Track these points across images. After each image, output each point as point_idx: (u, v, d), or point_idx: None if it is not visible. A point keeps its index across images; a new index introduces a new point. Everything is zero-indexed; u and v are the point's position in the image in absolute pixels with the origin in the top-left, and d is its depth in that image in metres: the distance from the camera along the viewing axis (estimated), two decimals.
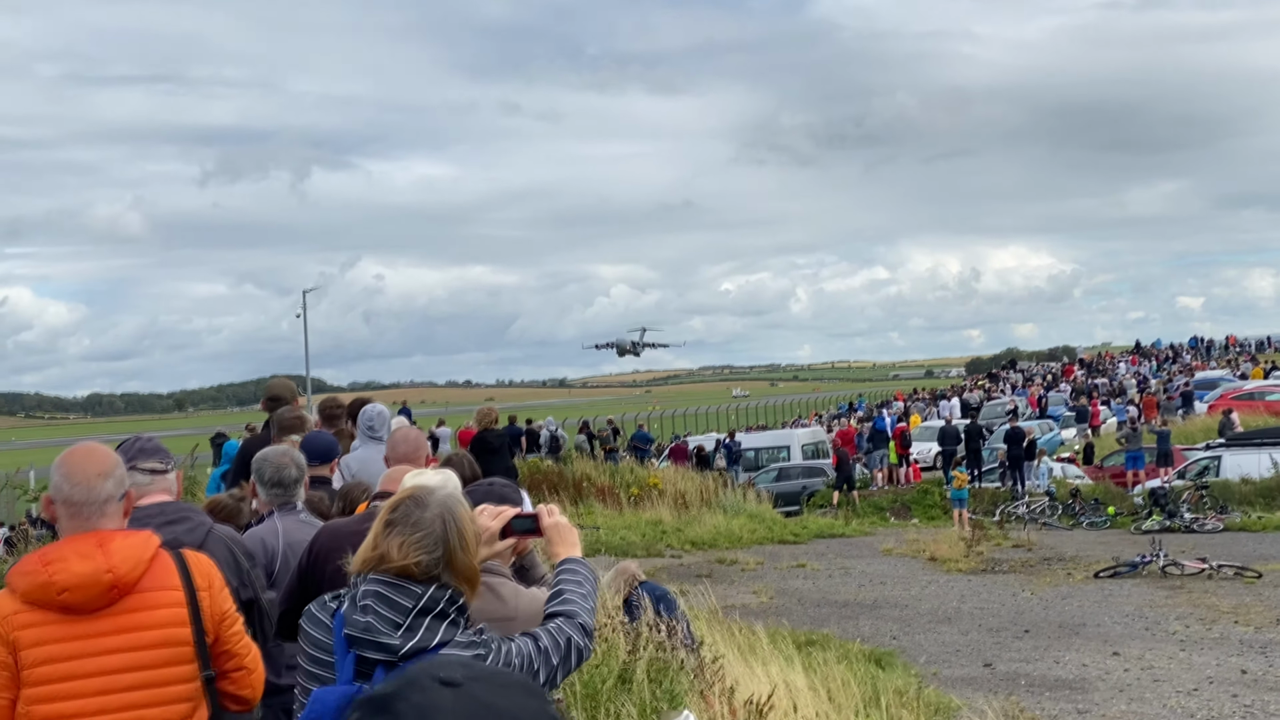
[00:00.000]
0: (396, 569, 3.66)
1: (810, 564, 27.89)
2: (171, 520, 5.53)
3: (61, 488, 4.35)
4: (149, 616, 4.29)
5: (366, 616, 3.61)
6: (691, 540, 31.12)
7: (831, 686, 11.83)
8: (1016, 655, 17.83)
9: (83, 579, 4.15)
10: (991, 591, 23.46)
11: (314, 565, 5.91)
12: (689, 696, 8.85)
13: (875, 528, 34.97)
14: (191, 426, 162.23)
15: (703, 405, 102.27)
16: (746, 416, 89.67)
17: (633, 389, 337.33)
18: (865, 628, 20.28)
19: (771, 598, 23.38)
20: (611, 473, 37.50)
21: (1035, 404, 57.34)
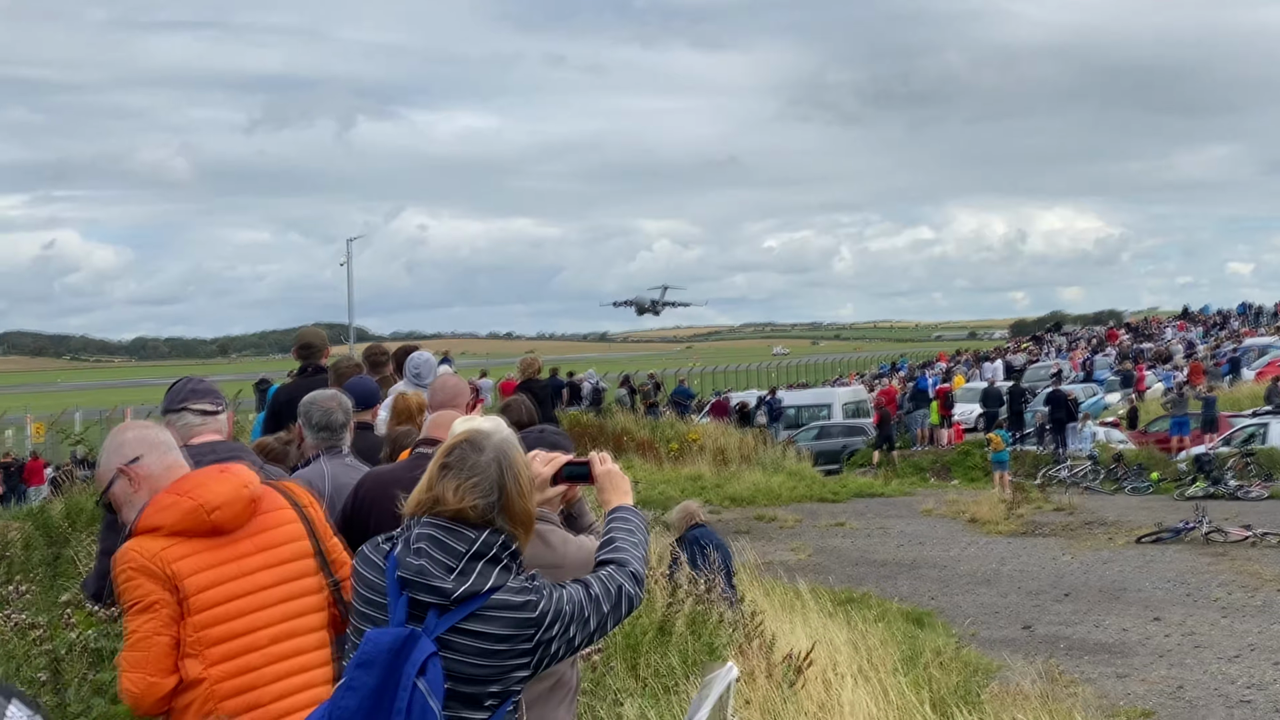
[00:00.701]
0: (451, 513, 3.64)
1: (849, 523, 27.83)
2: (223, 459, 5.53)
3: (145, 435, 4.54)
4: (278, 533, 4.44)
5: (419, 559, 3.59)
6: (730, 496, 31.10)
7: (869, 644, 11.77)
8: (1056, 618, 17.75)
9: (227, 496, 4.29)
10: (1031, 554, 23.35)
11: (358, 510, 5.90)
12: (728, 650, 8.82)
13: (915, 488, 34.87)
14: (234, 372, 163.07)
15: (743, 362, 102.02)
16: (787, 374, 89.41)
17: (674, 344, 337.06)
18: (904, 587, 20.22)
19: (810, 555, 23.35)
20: (652, 427, 37.50)
21: (1079, 367, 56.91)
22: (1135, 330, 77.99)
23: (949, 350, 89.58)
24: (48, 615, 7.13)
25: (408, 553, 3.62)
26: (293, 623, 4.36)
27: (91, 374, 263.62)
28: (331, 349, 11.00)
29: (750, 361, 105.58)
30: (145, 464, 4.46)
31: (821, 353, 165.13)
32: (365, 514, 5.82)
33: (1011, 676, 13.08)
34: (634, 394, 44.90)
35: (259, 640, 4.27)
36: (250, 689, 4.21)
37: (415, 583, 3.58)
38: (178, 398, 5.68)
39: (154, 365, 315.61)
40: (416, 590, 3.58)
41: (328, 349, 10.44)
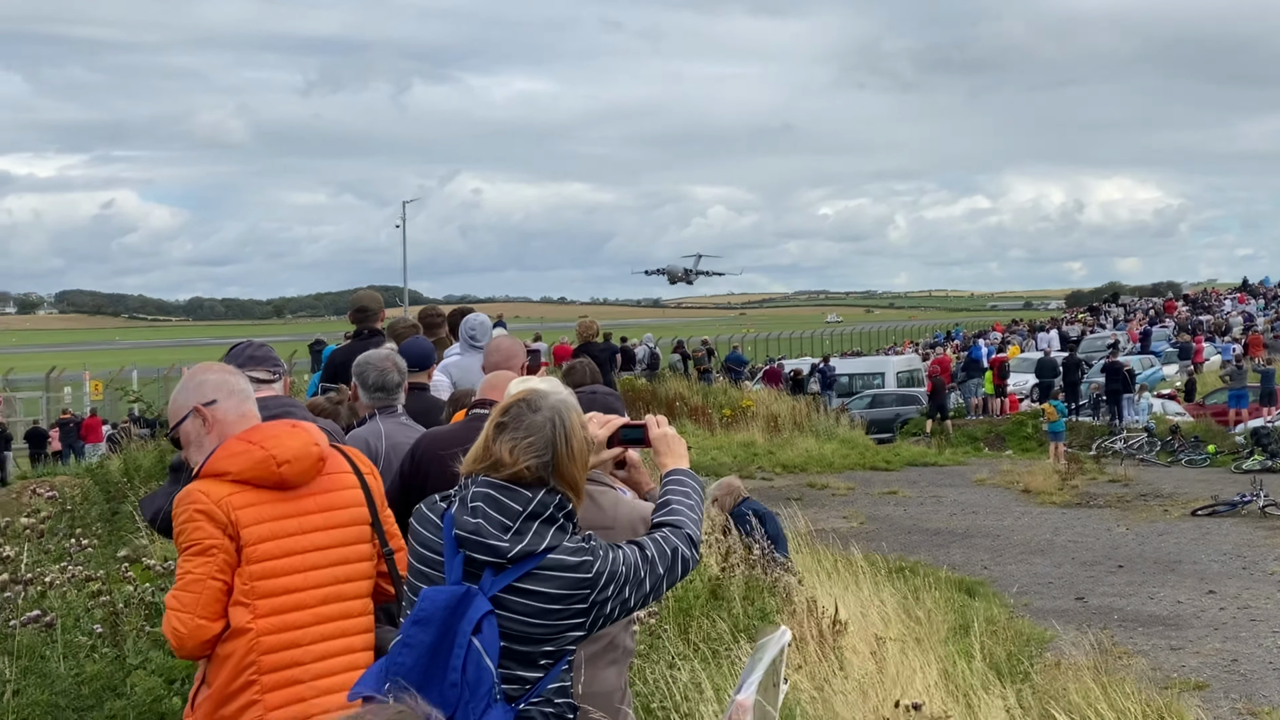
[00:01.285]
0: (508, 473, 3.64)
1: (902, 491, 27.74)
2: (275, 414, 5.54)
3: (225, 380, 4.56)
4: (339, 496, 4.47)
5: (476, 518, 3.61)
6: (783, 463, 31.04)
7: (921, 612, 11.75)
8: (1110, 590, 17.63)
9: (298, 452, 4.32)
10: (1085, 525, 23.20)
11: (416, 470, 5.92)
12: (779, 615, 8.82)
13: (969, 458, 34.69)
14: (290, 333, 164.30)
15: (796, 330, 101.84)
16: (841, 342, 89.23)
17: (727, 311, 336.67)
18: (956, 556, 20.14)
19: (862, 523, 23.29)
20: (704, 393, 37.46)
21: (1136, 339, 56.39)
22: (1193, 302, 77.26)
23: (1004, 320, 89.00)
24: (106, 569, 7.21)
25: (464, 511, 3.64)
26: (342, 586, 4.39)
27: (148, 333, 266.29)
28: (386, 312, 11.04)
29: (803, 329, 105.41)
30: (221, 408, 4.47)
31: (875, 321, 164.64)
32: (423, 474, 5.84)
33: (1064, 647, 13.02)
34: (687, 360, 44.81)
35: (309, 599, 4.29)
36: (294, 645, 4.24)
37: (472, 541, 3.60)
38: (236, 361, 5.70)
39: (209, 325, 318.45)
40: (473, 549, 3.60)
41: (383, 312, 10.49)
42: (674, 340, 51.42)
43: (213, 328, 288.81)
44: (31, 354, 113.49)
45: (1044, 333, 58.91)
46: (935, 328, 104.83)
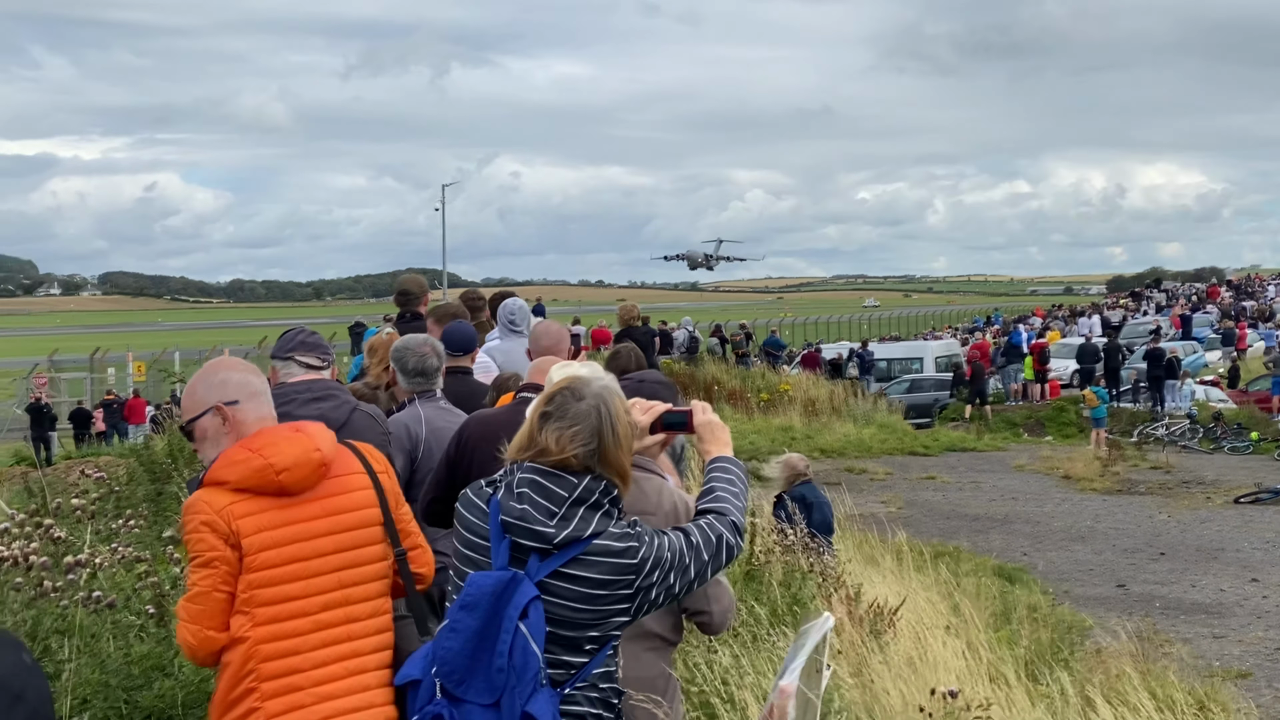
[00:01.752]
0: (554, 460, 3.67)
1: (940, 476, 27.69)
2: (318, 397, 5.58)
3: (248, 381, 4.45)
4: (346, 499, 4.38)
5: (522, 504, 3.64)
6: (821, 448, 31.00)
7: (961, 599, 11.73)
8: (1151, 577, 17.58)
9: (297, 459, 4.23)
10: (1127, 512, 23.12)
11: (462, 454, 5.93)
12: (816, 601, 8.82)
13: (1008, 443, 34.58)
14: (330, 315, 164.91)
15: (834, 314, 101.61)
16: (879, 327, 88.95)
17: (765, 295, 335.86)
18: (996, 542, 20.11)
19: (901, 508, 23.27)
20: (743, 377, 37.44)
21: (1179, 325, 56.00)
22: (1237, 288, 76.67)
23: (1044, 305, 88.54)
24: (152, 550, 7.28)
25: (510, 497, 3.66)
26: (347, 591, 4.34)
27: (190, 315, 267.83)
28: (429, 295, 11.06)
29: (841, 313, 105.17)
30: (242, 409, 4.41)
31: (913, 305, 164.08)
32: (469, 458, 5.86)
33: (1105, 635, 13.00)
34: (725, 344, 44.76)
35: (310, 606, 4.26)
36: (292, 654, 4.21)
37: (518, 527, 3.63)
38: (287, 346, 5.73)
39: (250, 307, 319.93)
40: (519, 534, 3.63)
41: (426, 296, 10.51)
42: (712, 324, 51.39)
43: (253, 309, 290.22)
44: (76, 335, 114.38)
45: (1085, 318, 58.58)
46: (974, 313, 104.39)
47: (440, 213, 73.52)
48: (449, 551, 5.89)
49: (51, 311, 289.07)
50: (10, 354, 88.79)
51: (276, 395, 5.51)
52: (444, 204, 73.86)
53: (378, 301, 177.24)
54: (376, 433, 5.77)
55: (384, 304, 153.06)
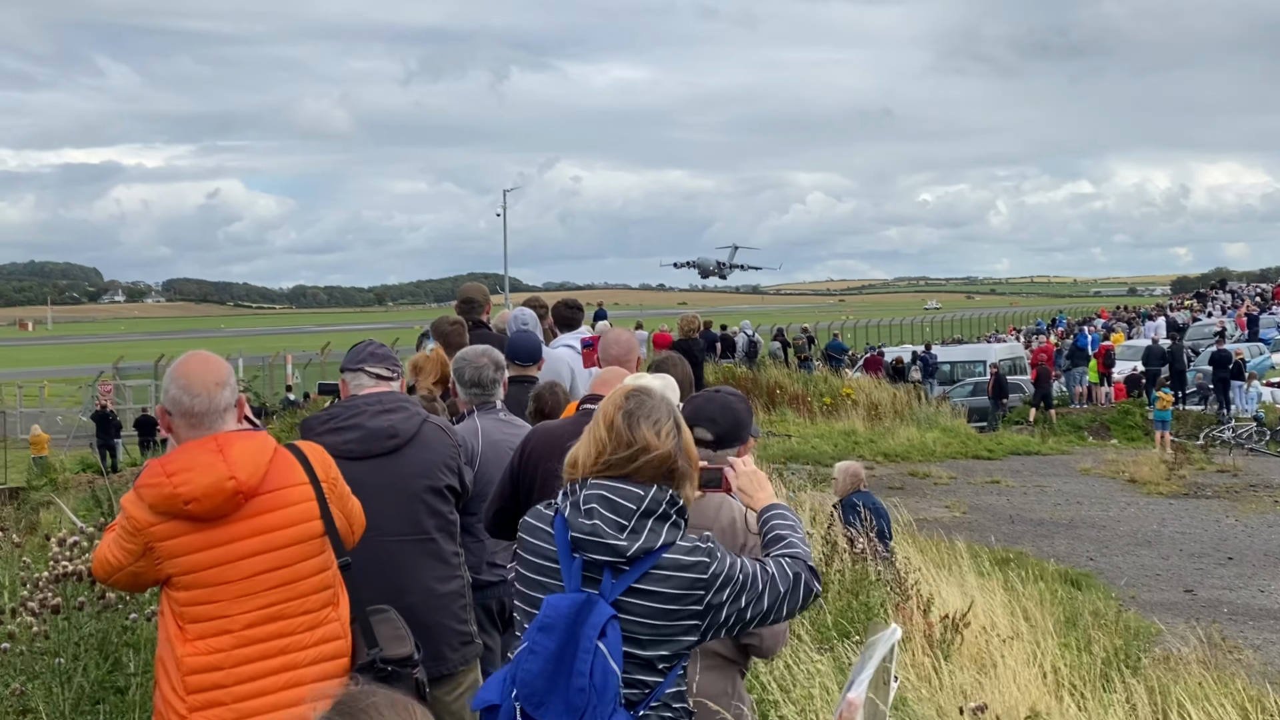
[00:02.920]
0: (627, 470, 3.67)
1: (1005, 480, 27.48)
2: (388, 409, 5.60)
3: (180, 399, 4.36)
4: (279, 516, 4.34)
5: (592, 520, 3.62)
6: (884, 452, 30.85)
7: (1027, 605, 11.64)
8: (1219, 582, 17.38)
9: (206, 489, 4.20)
10: (1193, 516, 22.87)
11: (526, 466, 5.93)
12: (884, 609, 8.77)
13: (1073, 447, 34.27)
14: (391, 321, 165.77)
15: (896, 316, 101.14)
16: (941, 329, 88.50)
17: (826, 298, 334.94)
18: (1061, 547, 19.94)
19: (965, 513, 23.11)
20: (804, 381, 37.30)
21: (1244, 326, 55.32)
22: None
23: (1107, 306, 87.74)
24: None
25: (578, 514, 3.65)
26: (281, 607, 4.32)
27: (253, 320, 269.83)
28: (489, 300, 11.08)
29: (903, 315, 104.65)
30: (175, 423, 4.40)
31: (976, 307, 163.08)
32: (533, 470, 5.87)
33: (1173, 641, 12.86)
34: (787, 347, 44.66)
35: (233, 624, 4.26)
36: (215, 669, 4.23)
37: (589, 543, 3.62)
38: (357, 358, 5.75)
39: (313, 313, 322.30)
40: (591, 550, 3.62)
41: (489, 304, 10.54)
42: (773, 327, 51.29)
43: (316, 315, 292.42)
44: (140, 342, 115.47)
45: (1150, 320, 58.00)
46: (1037, 314, 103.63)
47: (502, 217, 73.81)
48: (509, 565, 5.93)
49: (116, 319, 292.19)
50: (76, 361, 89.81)
51: (348, 407, 5.55)
52: (505, 209, 74.15)
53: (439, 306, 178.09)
54: (446, 444, 5.79)
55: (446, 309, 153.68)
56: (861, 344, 67.55)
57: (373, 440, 5.48)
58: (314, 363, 53.62)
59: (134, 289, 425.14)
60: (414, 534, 5.53)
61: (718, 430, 4.66)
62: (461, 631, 5.66)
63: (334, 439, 5.27)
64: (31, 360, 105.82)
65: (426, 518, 5.58)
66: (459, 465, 5.84)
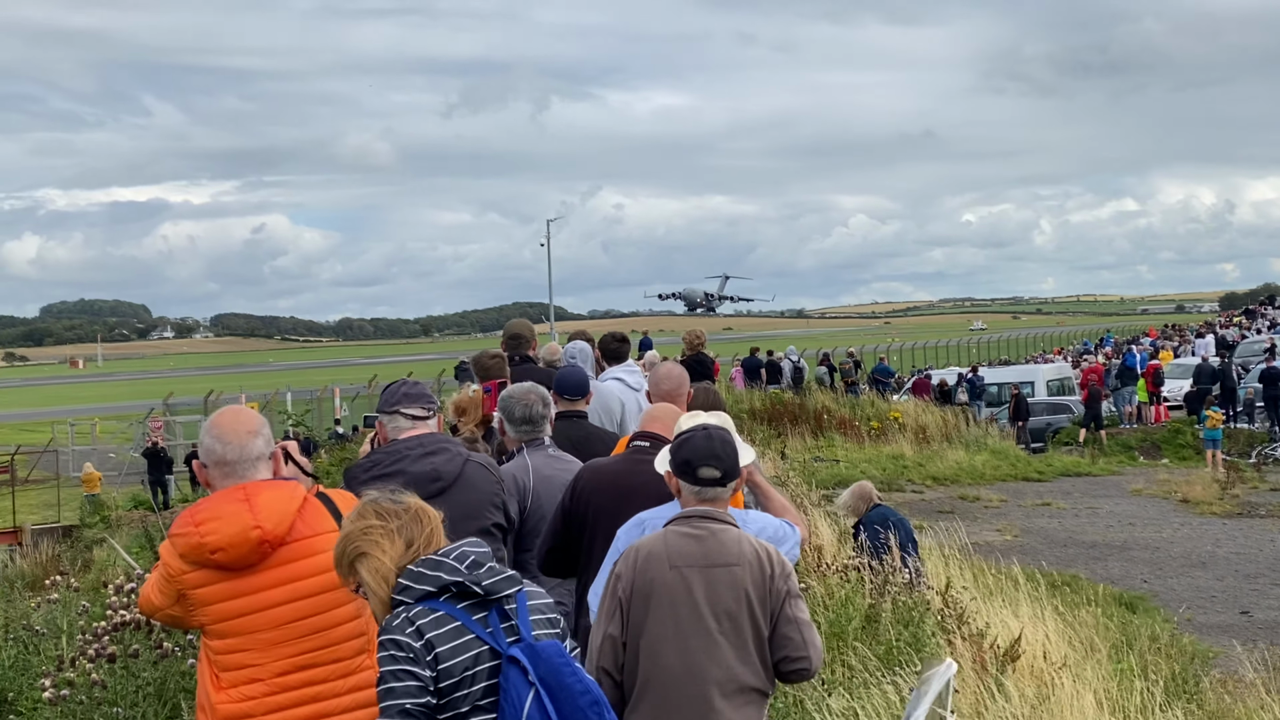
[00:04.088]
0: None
1: (1056, 502, 27.28)
2: (430, 451, 5.61)
3: (213, 448, 4.45)
4: (307, 565, 4.36)
5: (483, 566, 3.76)
6: (933, 475, 30.70)
7: (1083, 631, 11.54)
8: (1276, 603, 17.20)
9: (231, 539, 4.24)
10: (1248, 536, 22.63)
11: (577, 504, 5.94)
12: (935, 639, 8.70)
13: (1124, 467, 34.01)
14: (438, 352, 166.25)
15: (942, 338, 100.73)
16: (988, 350, 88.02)
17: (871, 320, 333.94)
18: (1115, 570, 19.77)
19: (1016, 536, 22.94)
20: (852, 405, 37.18)
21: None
22: None
23: (1156, 324, 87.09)
24: None
25: (461, 576, 3.78)
26: (310, 655, 4.34)
27: (300, 354, 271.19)
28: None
29: (948, 337, 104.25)
30: (210, 473, 4.48)
31: (1022, 327, 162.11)
32: (584, 507, 5.88)
33: (1231, 664, 12.72)
34: (833, 372, 44.56)
35: (264, 673, 4.29)
36: (247, 716, 4.26)
37: (495, 592, 3.81)
38: (391, 400, 5.75)
39: (359, 345, 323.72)
40: (494, 601, 3.79)
41: (535, 340, 10.57)
42: (819, 352, 51.16)
43: (363, 347, 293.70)
44: (190, 377, 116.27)
45: (1200, 338, 57.55)
46: (1084, 334, 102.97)
47: (546, 247, 74.07)
48: (565, 601, 5.93)
49: (165, 354, 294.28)
50: (127, 398, 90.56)
51: (389, 453, 5.55)
52: (549, 238, 74.46)
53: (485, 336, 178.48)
54: (490, 481, 5.80)
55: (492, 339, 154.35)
56: (908, 367, 67.27)
57: (417, 485, 5.45)
58: (362, 395, 53.77)
59: (182, 325, 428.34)
60: None
61: (723, 467, 4.74)
62: None
63: (378, 486, 5.26)
64: (83, 398, 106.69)
65: None
66: (504, 501, 5.85)
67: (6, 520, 37.39)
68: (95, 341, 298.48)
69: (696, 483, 4.71)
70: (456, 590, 3.59)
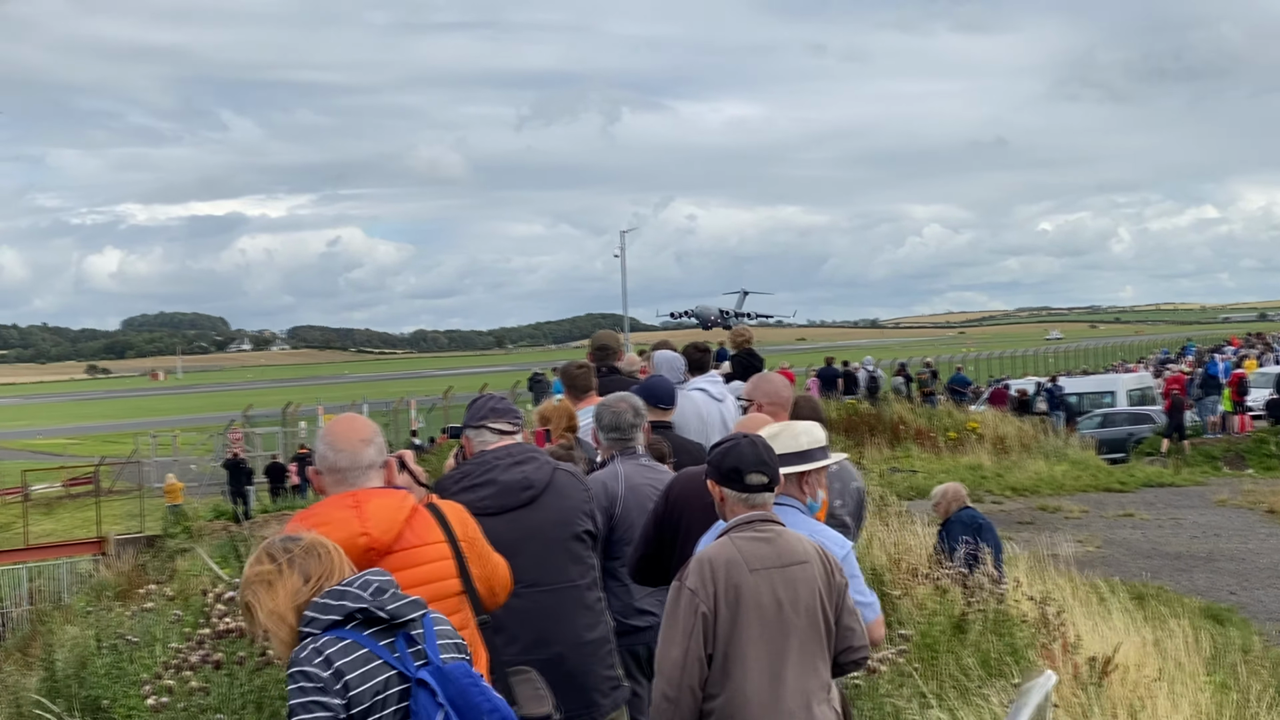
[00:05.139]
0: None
1: (1139, 513, 26.94)
2: (519, 461, 5.63)
3: (327, 456, 4.49)
4: (413, 574, 4.36)
5: (385, 593, 3.72)
6: (1012, 486, 30.42)
7: (1172, 642, 11.38)
8: None
9: (339, 544, 4.14)
10: None
11: (670, 511, 5.95)
12: (1029, 650, 8.62)
13: (1207, 477, 33.50)
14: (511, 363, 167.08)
15: (1018, 348, 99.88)
16: (1065, 360, 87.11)
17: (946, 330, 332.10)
18: (1200, 582, 19.49)
19: (1099, 547, 22.68)
20: (928, 416, 36.98)
21: None
22: None
23: (1238, 333, 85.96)
24: None
25: (369, 603, 3.76)
26: None
27: (375, 366, 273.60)
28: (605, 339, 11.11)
29: (1024, 346, 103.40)
30: (324, 480, 4.52)
31: (1100, 336, 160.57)
32: (677, 515, 5.89)
33: None
34: (910, 382, 44.31)
35: None
36: None
37: (398, 619, 3.77)
38: (478, 415, 5.77)
39: (433, 357, 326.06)
40: (400, 627, 3.77)
41: (621, 351, 10.60)
42: (894, 362, 50.91)
43: (437, 359, 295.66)
44: (267, 389, 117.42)
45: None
46: (1164, 343, 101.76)
47: (620, 258, 74.21)
48: (655, 611, 5.93)
49: (243, 366, 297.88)
50: (206, 410, 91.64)
51: (479, 464, 5.58)
52: (624, 249, 74.54)
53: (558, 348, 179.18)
54: (579, 489, 5.82)
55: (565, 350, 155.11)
56: (984, 377, 66.74)
57: (508, 494, 5.51)
58: (437, 407, 54.03)
59: (259, 337, 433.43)
60: (558, 583, 5.55)
61: (770, 473, 4.83)
62: (609, 677, 5.67)
63: (469, 496, 5.28)
64: (163, 410, 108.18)
65: (570, 565, 5.61)
66: (593, 509, 5.87)
67: (91, 530, 37.94)
68: (175, 354, 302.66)
69: (745, 490, 4.78)
70: (363, 617, 3.57)
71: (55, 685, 10.26)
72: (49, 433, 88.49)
